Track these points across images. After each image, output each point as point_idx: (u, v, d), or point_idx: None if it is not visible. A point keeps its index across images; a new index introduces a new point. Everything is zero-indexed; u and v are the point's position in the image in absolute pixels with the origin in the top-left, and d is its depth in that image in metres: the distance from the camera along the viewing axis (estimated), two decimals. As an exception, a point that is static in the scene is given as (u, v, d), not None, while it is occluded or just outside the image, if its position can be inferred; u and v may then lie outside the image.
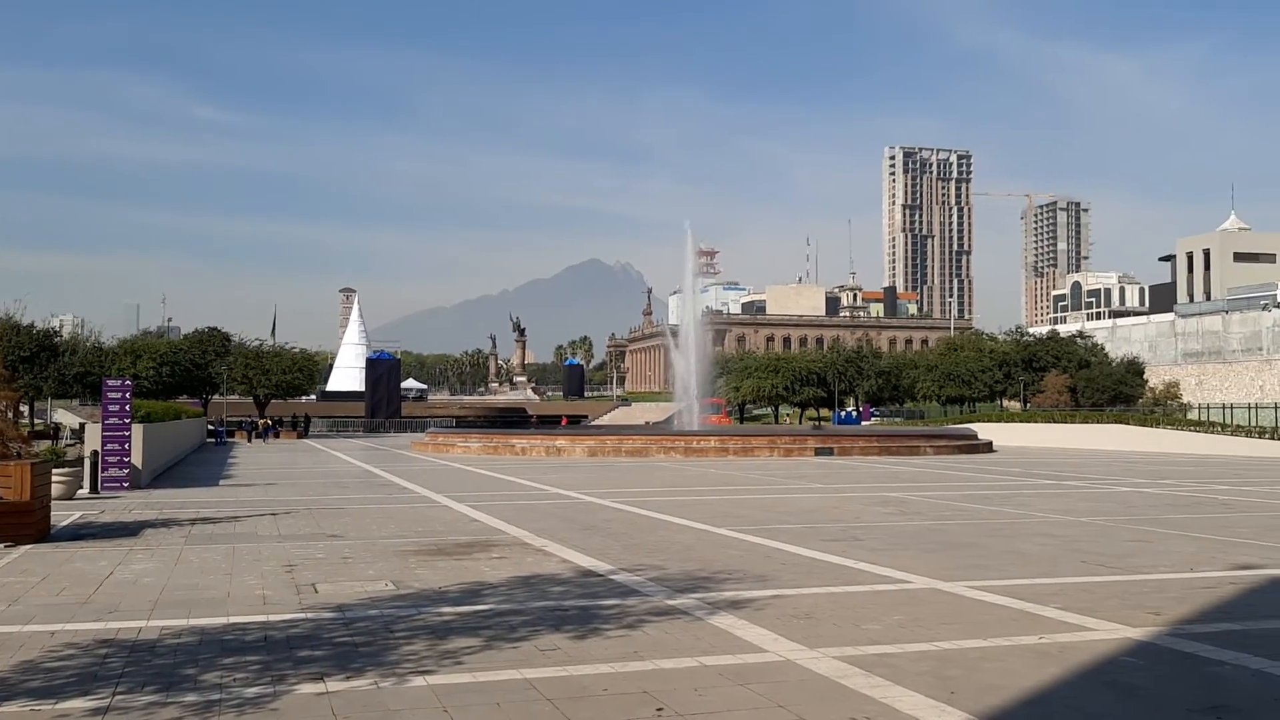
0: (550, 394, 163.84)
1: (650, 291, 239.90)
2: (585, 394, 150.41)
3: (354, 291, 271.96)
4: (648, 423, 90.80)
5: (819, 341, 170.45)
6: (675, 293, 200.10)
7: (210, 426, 66.72)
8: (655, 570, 13.16)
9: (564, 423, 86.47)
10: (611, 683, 7.75)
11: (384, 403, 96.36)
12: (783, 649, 8.78)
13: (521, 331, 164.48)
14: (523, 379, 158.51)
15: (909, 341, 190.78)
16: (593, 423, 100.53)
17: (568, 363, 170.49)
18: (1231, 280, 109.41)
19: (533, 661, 8.37)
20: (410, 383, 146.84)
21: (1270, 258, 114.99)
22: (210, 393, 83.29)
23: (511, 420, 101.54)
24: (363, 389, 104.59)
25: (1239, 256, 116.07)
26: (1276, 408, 62.60)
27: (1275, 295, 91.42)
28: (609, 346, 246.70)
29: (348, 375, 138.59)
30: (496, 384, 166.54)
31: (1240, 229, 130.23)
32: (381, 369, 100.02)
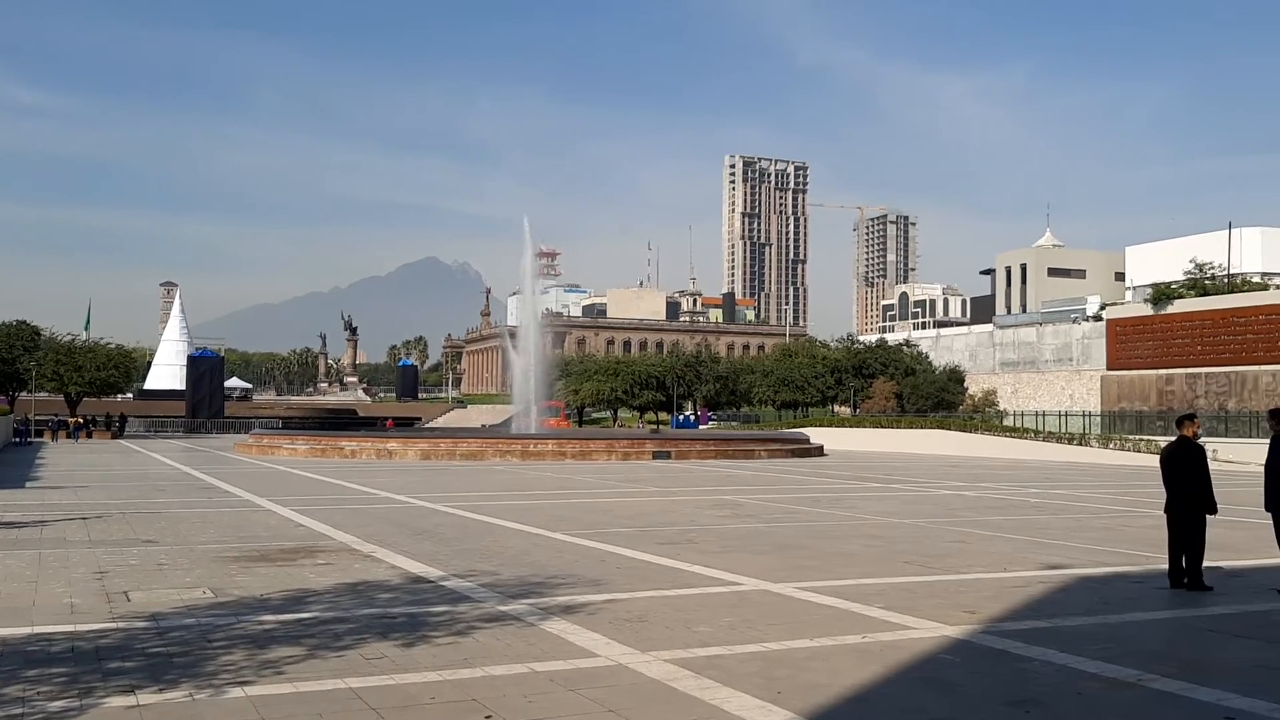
0: (383, 395, 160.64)
1: (489, 292, 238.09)
2: (419, 395, 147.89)
3: (175, 285, 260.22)
4: (484, 425, 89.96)
5: (659, 345, 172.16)
6: (515, 293, 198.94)
7: (15, 425, 62.89)
8: (488, 576, 13.01)
9: (389, 425, 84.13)
10: (439, 690, 7.60)
11: (206, 402, 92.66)
12: (615, 653, 8.78)
13: (353, 330, 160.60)
14: (354, 379, 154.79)
15: (746, 347, 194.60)
16: (427, 425, 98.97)
17: (401, 363, 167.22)
18: (1046, 294, 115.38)
19: (358, 670, 8.14)
20: (234, 382, 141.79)
21: (1080, 273, 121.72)
22: (17, 389, 78.54)
23: (341, 422, 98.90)
24: (183, 388, 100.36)
25: (1052, 272, 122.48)
26: (1085, 415, 66.42)
27: (1085, 309, 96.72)
28: (445, 347, 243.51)
29: (168, 373, 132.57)
30: (326, 384, 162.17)
31: (1054, 246, 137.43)
32: (204, 367, 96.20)
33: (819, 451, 52.80)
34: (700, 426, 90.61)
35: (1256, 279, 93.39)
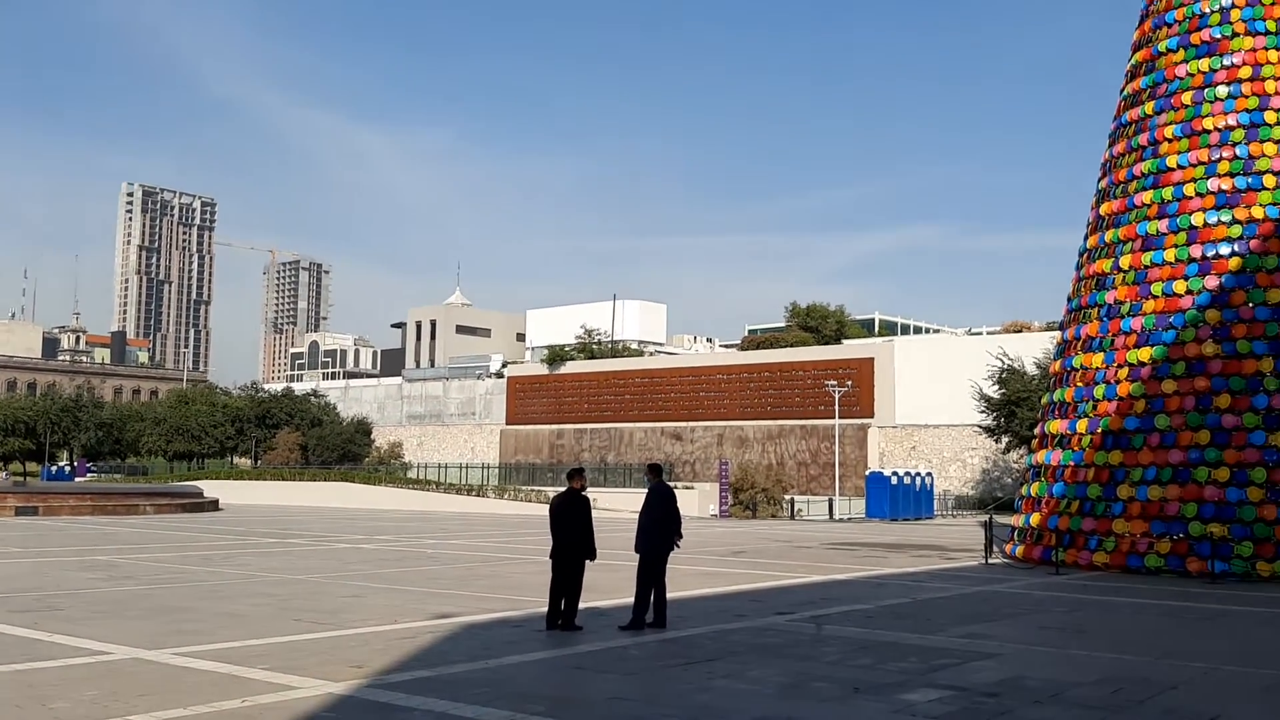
0: None
1: None
2: None
3: None
4: None
5: (31, 387, 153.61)
6: None
7: None
8: None
9: None
10: None
11: None
12: (-61, 746, 7.51)
13: None
14: None
15: (137, 392, 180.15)
16: None
17: None
18: (453, 350, 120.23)
19: None
20: None
21: (486, 332, 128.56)
22: None
23: None
24: None
25: (461, 329, 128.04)
26: (484, 467, 69.88)
27: (489, 366, 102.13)
28: None
29: None
30: None
31: (464, 304, 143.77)
32: None
33: (214, 506, 50.23)
34: (77, 479, 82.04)
35: (635, 346, 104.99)
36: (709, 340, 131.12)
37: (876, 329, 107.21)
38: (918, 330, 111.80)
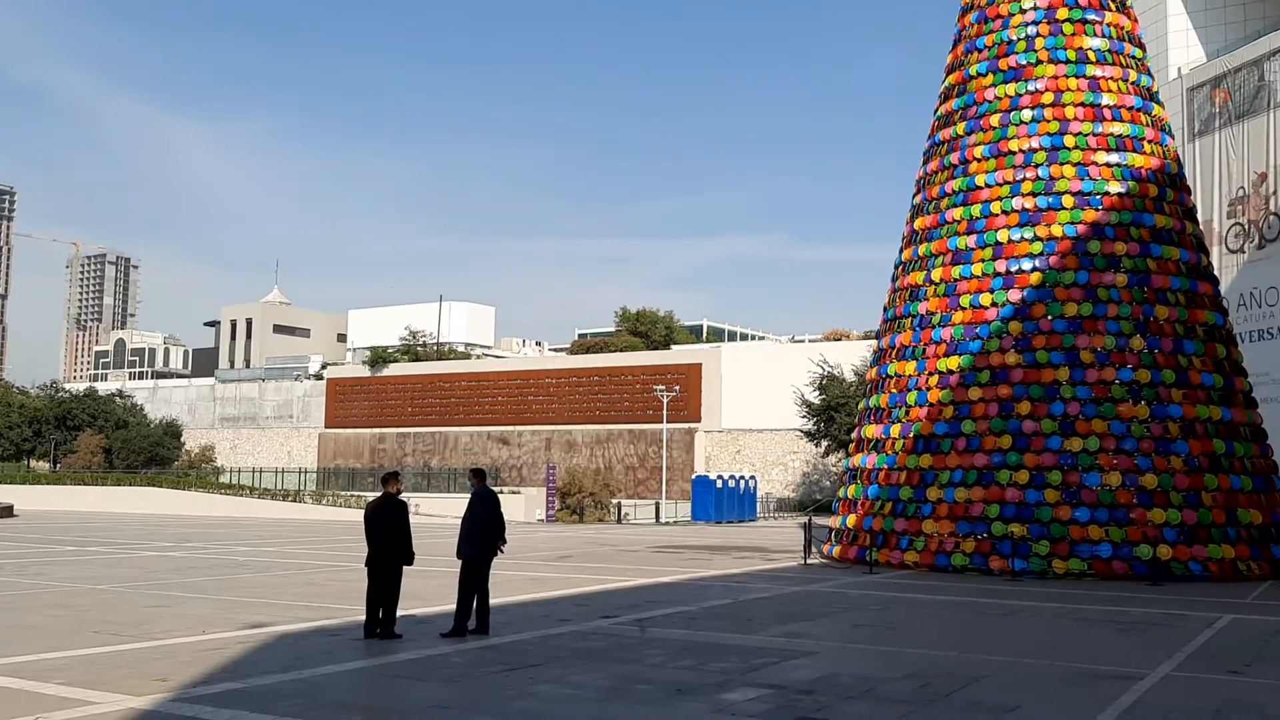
0: None
1: None
2: None
3: None
4: None
5: None
6: None
7: None
8: None
9: None
10: None
11: None
12: None
13: None
14: None
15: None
16: None
17: None
18: (271, 350, 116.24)
19: None
20: None
21: (305, 332, 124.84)
22: None
23: None
24: None
25: (279, 329, 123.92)
26: (302, 472, 67.85)
27: (308, 368, 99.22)
28: None
29: None
30: None
31: (281, 303, 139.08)
32: None
33: (8, 512, 47.41)
34: None
35: (461, 348, 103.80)
36: (538, 344, 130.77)
37: (705, 335, 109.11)
38: (744, 337, 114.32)
